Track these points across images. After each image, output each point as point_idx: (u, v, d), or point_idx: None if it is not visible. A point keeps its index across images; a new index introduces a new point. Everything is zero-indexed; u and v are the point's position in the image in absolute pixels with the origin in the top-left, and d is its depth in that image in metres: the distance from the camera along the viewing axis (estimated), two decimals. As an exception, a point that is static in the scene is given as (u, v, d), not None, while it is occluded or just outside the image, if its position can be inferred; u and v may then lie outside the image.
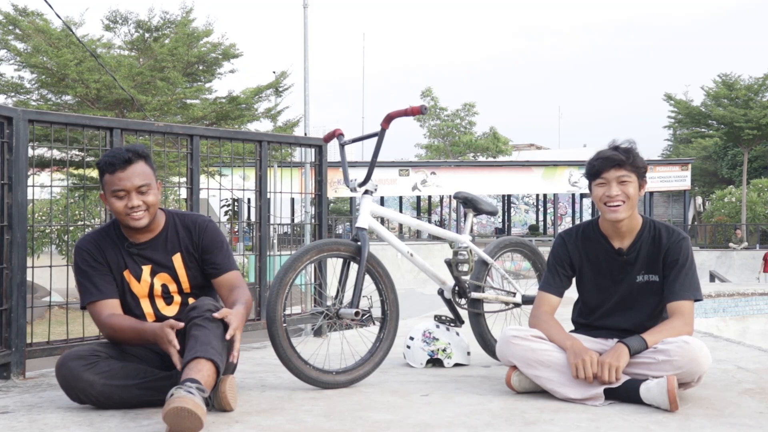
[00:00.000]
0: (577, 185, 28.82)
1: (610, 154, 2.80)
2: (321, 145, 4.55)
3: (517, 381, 2.81)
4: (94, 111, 15.44)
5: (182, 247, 2.80)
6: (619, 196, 2.78)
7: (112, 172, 2.65)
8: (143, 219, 2.69)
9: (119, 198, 2.66)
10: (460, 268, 3.54)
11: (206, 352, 2.39)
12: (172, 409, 2.15)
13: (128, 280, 2.75)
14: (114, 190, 2.65)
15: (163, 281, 2.78)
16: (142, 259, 2.76)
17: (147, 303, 2.76)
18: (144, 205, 2.67)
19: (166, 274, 2.78)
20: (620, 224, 2.85)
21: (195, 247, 2.80)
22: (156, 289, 2.77)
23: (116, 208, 2.67)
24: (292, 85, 18.17)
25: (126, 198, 2.67)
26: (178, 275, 2.79)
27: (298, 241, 11.82)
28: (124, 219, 2.70)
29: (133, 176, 2.66)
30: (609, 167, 2.79)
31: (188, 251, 2.80)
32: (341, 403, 2.67)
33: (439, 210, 41.10)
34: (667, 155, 41.61)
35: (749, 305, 11.82)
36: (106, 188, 2.68)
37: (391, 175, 27.67)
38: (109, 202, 2.68)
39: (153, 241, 2.78)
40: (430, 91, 34.48)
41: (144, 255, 2.76)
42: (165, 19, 16.66)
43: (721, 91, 27.30)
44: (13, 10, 15.40)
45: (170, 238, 2.80)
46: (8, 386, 3.03)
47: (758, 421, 2.41)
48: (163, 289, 2.78)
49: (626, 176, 2.78)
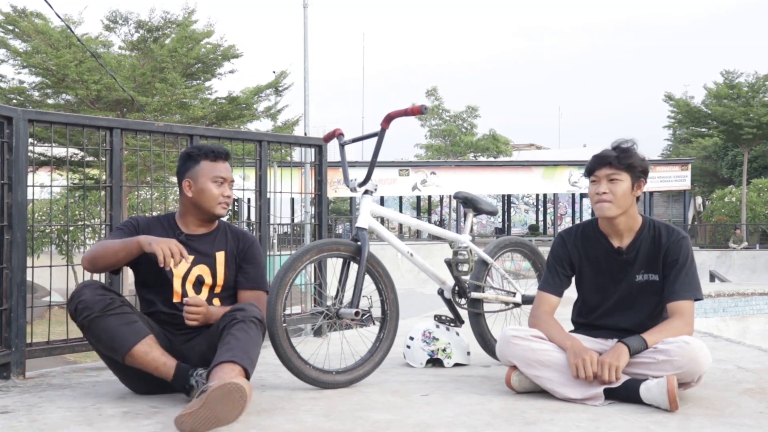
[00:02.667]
0: (577, 185, 28.81)
1: (603, 153, 2.85)
2: (321, 145, 4.55)
3: (517, 381, 2.81)
4: (95, 111, 15.43)
5: (228, 248, 2.94)
6: (606, 194, 2.80)
7: (215, 159, 2.87)
8: (227, 210, 2.88)
9: (218, 184, 2.86)
10: (460, 268, 3.54)
11: (243, 359, 2.44)
12: (218, 387, 2.18)
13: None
14: (215, 176, 2.85)
15: (201, 272, 2.86)
16: (189, 248, 2.82)
17: (179, 282, 2.83)
18: (230, 198, 2.89)
19: (206, 267, 2.87)
20: (617, 223, 2.85)
21: (239, 253, 2.94)
22: (191, 275, 2.85)
23: (212, 193, 2.85)
24: (291, 85, 18.19)
25: (223, 186, 2.88)
26: (217, 270, 2.89)
27: (298, 241, 11.82)
28: (214, 207, 2.86)
29: (229, 169, 2.93)
30: (600, 165, 2.83)
31: (232, 253, 2.94)
32: (341, 403, 2.67)
33: (439, 210, 41.09)
34: (667, 155, 41.58)
35: (749, 305, 11.82)
36: (199, 173, 2.85)
37: (391, 175, 27.65)
38: (205, 186, 2.83)
39: (206, 236, 2.92)
40: (435, 91, 34.41)
41: (191, 245, 2.86)
42: (166, 20, 16.65)
43: (723, 89, 27.28)
44: (13, 10, 15.39)
45: (220, 237, 2.95)
46: (8, 386, 3.03)
47: (758, 421, 2.41)
48: (197, 279, 2.86)
49: (615, 174, 2.80)
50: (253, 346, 2.53)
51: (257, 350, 2.58)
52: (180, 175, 2.90)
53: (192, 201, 2.87)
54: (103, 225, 3.71)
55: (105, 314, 2.56)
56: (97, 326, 2.56)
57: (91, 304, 2.56)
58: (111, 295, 2.62)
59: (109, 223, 3.60)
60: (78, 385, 3.06)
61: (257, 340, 2.58)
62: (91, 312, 2.55)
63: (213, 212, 2.87)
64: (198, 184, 2.85)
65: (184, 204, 2.92)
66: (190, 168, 2.87)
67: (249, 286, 2.92)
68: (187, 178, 2.87)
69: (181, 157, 2.93)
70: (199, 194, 2.85)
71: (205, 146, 2.91)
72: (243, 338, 2.50)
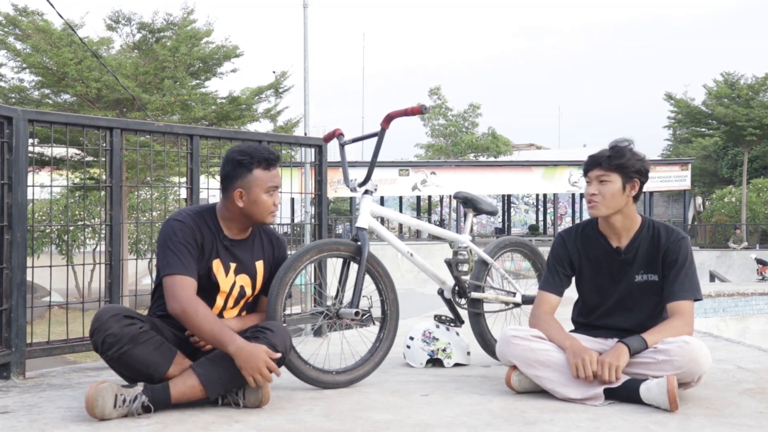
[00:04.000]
0: (577, 185, 28.81)
1: (595, 154, 2.87)
2: (321, 145, 4.55)
3: (517, 381, 2.81)
4: (95, 111, 15.42)
5: (266, 255, 2.87)
6: (595, 195, 2.81)
7: (268, 167, 2.72)
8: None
9: (270, 195, 2.73)
10: (460, 268, 3.54)
11: (209, 382, 2.50)
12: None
13: (216, 271, 2.72)
14: (270, 186, 2.72)
15: (243, 283, 2.80)
16: (232, 255, 2.77)
17: (222, 298, 2.76)
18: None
19: (247, 277, 2.80)
20: (613, 223, 2.86)
21: (275, 260, 2.89)
22: (235, 289, 2.78)
23: (266, 205, 2.72)
24: (292, 86, 18.18)
25: (275, 195, 2.75)
26: (257, 282, 2.83)
27: (298, 241, 11.81)
28: (265, 217, 2.75)
29: (279, 174, 2.78)
30: (591, 167, 2.85)
31: (269, 261, 2.88)
32: (341, 403, 2.67)
33: (439, 210, 41.09)
34: (667, 155, 41.59)
35: (749, 305, 11.83)
36: (253, 184, 2.69)
37: (391, 175, 27.66)
38: (258, 198, 2.70)
39: (245, 242, 2.82)
40: (438, 90, 34.35)
41: (235, 252, 2.78)
42: (168, 21, 16.66)
43: (723, 90, 27.28)
44: (13, 10, 15.39)
45: (257, 244, 2.86)
46: (8, 386, 3.03)
47: (758, 421, 2.41)
48: (240, 291, 2.80)
49: (605, 176, 2.81)
50: (236, 375, 2.50)
51: (238, 380, 2.51)
52: (228, 182, 2.72)
53: (243, 210, 2.72)
54: (103, 225, 3.71)
55: (135, 344, 2.45)
56: (129, 358, 2.45)
57: (120, 336, 2.43)
58: (135, 321, 2.50)
59: (109, 223, 3.59)
60: (78, 385, 3.06)
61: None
62: (122, 345, 2.43)
63: (264, 222, 2.77)
64: (251, 195, 2.69)
65: (230, 210, 2.74)
66: (241, 176, 2.69)
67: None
68: (239, 187, 2.69)
69: (229, 162, 2.72)
70: (252, 205, 2.70)
71: (257, 151, 2.71)
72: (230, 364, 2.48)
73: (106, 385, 2.36)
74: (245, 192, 2.70)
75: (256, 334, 2.58)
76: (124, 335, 2.44)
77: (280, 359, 2.58)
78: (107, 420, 2.35)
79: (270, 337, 2.57)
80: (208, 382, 2.48)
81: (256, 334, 2.58)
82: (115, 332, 2.43)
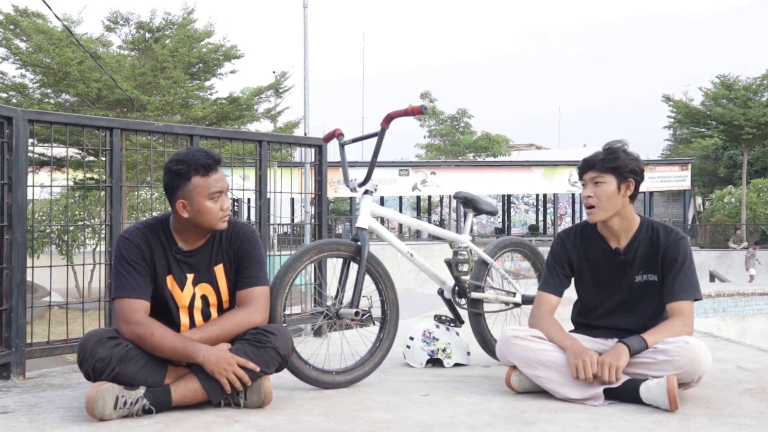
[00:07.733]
0: (576, 185, 28.78)
1: (589, 156, 2.86)
2: (321, 145, 4.55)
3: (517, 381, 2.81)
4: (95, 111, 15.42)
5: (224, 257, 2.71)
6: (590, 198, 2.81)
7: (206, 173, 2.57)
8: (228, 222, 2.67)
9: (215, 201, 2.59)
10: (460, 268, 3.54)
11: (208, 386, 2.50)
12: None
13: (171, 288, 2.64)
14: (212, 193, 2.57)
15: (204, 292, 2.69)
16: (187, 266, 2.66)
17: (185, 314, 2.67)
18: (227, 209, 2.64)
19: (208, 285, 2.69)
20: (611, 224, 2.86)
21: (235, 257, 2.72)
22: (197, 300, 2.68)
23: (212, 212, 2.59)
24: (292, 87, 18.19)
25: (220, 200, 2.60)
26: (220, 288, 2.71)
27: (298, 241, 11.81)
28: (215, 224, 2.62)
29: (224, 177, 2.63)
30: (586, 169, 2.85)
31: (229, 261, 2.72)
32: (341, 403, 2.68)
33: (439, 210, 41.08)
34: (667, 155, 41.61)
35: (749, 305, 11.83)
36: (195, 192, 2.56)
37: (391, 175, 27.66)
38: (202, 206, 2.57)
39: (202, 249, 2.69)
40: (428, 94, 34.45)
41: (189, 263, 2.67)
42: (167, 20, 16.65)
43: (720, 91, 27.29)
44: (14, 10, 15.39)
45: (216, 247, 2.71)
46: (8, 386, 3.03)
47: (758, 421, 2.41)
48: (203, 302, 2.69)
49: (599, 177, 2.80)
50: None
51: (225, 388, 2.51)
52: (170, 193, 2.59)
53: (190, 221, 2.60)
54: (103, 225, 3.71)
55: (126, 363, 2.42)
56: (123, 377, 2.41)
57: (108, 358, 2.40)
58: (121, 341, 2.46)
59: (109, 223, 3.59)
60: (78, 385, 3.06)
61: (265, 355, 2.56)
62: (113, 367, 2.40)
63: (214, 228, 2.64)
64: (194, 204, 2.57)
65: (180, 222, 2.62)
66: (180, 186, 2.56)
67: (243, 288, 2.69)
68: (180, 198, 2.57)
69: (167, 173, 2.59)
70: (198, 214, 2.58)
71: (193, 158, 2.56)
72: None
73: (107, 386, 2.37)
74: (188, 202, 2.57)
75: (259, 338, 2.57)
76: (113, 356, 2.41)
77: (281, 363, 2.59)
78: (107, 420, 2.35)
79: (273, 340, 2.56)
80: (209, 386, 2.48)
81: (259, 338, 2.57)
82: (103, 356, 2.40)
